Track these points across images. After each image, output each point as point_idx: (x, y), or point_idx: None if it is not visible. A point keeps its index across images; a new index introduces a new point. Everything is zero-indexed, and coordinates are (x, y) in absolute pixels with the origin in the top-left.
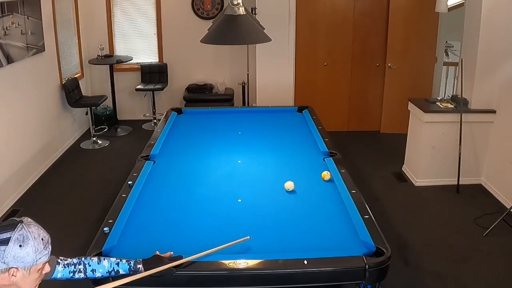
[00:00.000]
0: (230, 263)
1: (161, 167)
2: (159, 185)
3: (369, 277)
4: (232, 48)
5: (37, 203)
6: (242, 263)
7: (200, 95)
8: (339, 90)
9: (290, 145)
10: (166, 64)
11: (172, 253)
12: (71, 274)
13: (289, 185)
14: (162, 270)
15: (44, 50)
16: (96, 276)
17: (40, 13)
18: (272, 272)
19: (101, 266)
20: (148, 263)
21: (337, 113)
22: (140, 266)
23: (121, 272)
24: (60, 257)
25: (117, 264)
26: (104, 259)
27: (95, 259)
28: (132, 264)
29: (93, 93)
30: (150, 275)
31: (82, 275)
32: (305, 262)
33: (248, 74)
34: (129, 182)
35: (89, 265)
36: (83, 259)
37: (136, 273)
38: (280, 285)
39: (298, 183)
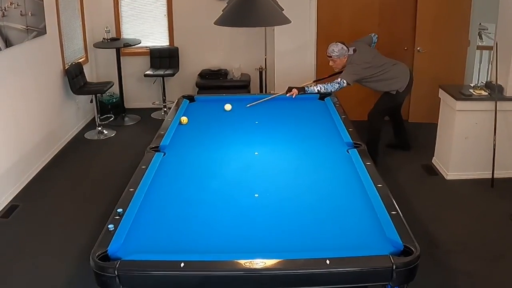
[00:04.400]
0: (246, 262)
1: (172, 159)
2: (169, 178)
3: (396, 278)
4: (249, 31)
5: (37, 198)
6: (259, 263)
7: (214, 81)
8: None
9: (311, 135)
10: (177, 48)
11: None
12: None
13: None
14: None
15: (46, 33)
16: None
17: None
18: (292, 272)
19: None
20: None
21: (362, 101)
22: None
23: None
24: None
25: None
26: None
27: None
28: None
29: (98, 79)
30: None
31: None
32: (327, 261)
33: (265, 58)
34: (119, 210)
35: None
36: None
37: None
38: (300, 286)
39: (320, 176)
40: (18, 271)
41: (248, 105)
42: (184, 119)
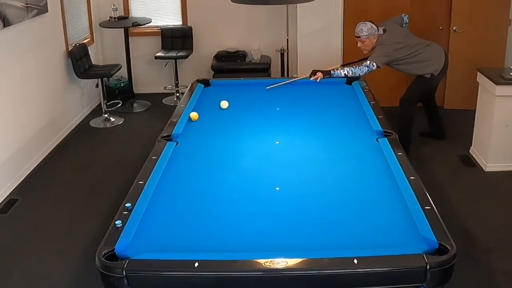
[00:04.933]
0: (266, 262)
1: (185, 149)
2: (182, 170)
3: (430, 279)
4: (269, 9)
5: (38, 191)
6: (281, 263)
7: (231, 64)
8: None
9: (337, 123)
10: (191, 28)
11: None
12: None
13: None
14: None
15: (47, 11)
16: None
17: None
18: (316, 273)
19: None
20: None
21: (393, 86)
22: None
23: None
24: None
25: None
26: None
27: None
28: None
29: (105, 61)
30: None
31: None
32: (355, 261)
33: (287, 39)
34: (127, 205)
35: None
36: None
37: None
38: None
39: (347, 168)
40: (17, 272)
41: (268, 88)
42: (194, 115)
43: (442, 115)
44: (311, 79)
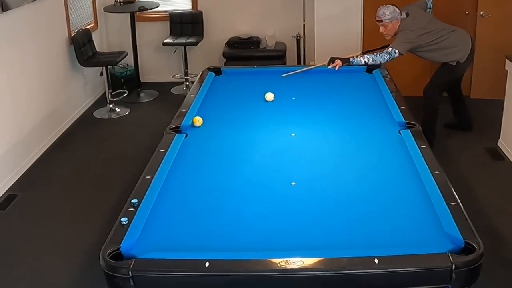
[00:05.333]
0: (281, 262)
1: (195, 141)
2: (192, 164)
3: (456, 280)
4: None
5: (38, 186)
6: (297, 262)
7: (243, 51)
8: None
9: (357, 114)
10: (201, 12)
11: None
12: None
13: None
14: None
15: None
16: None
17: None
18: (334, 273)
19: None
20: None
21: (417, 74)
22: None
23: None
24: None
25: None
26: None
27: None
28: None
29: (110, 48)
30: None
31: None
32: (376, 261)
33: (304, 24)
34: (133, 201)
35: None
36: None
37: None
38: None
39: (367, 161)
40: (16, 272)
41: (283, 75)
42: (198, 120)
43: (469, 105)
44: (329, 67)
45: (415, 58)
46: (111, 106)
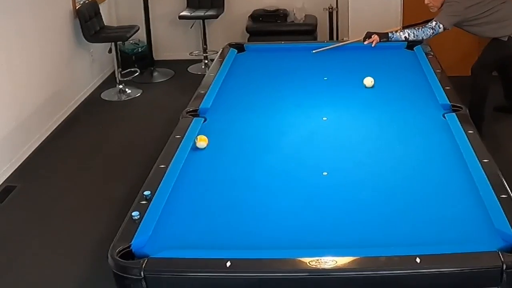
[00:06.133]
0: (312, 261)
1: (215, 126)
2: (211, 152)
3: (507, 281)
4: None
5: (39, 177)
6: (329, 262)
7: (269, 25)
8: None
9: (396, 96)
10: None
11: None
12: None
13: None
14: None
15: None
16: None
17: None
18: (371, 274)
19: None
20: None
21: (464, 51)
22: None
23: None
24: None
25: None
26: None
27: None
28: None
29: (119, 22)
30: None
31: None
32: (418, 260)
33: None
34: (146, 193)
35: None
36: None
37: None
38: None
39: (408, 149)
40: (14, 272)
41: (314, 52)
42: (202, 139)
43: None
44: (365, 43)
45: (461, 33)
46: (120, 87)
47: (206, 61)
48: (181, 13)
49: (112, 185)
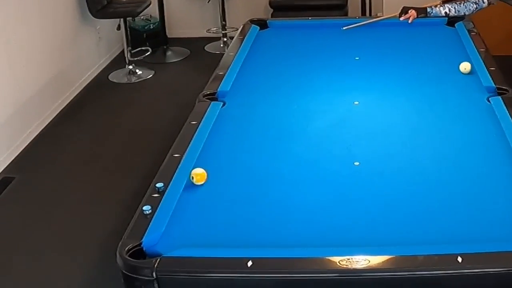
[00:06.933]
0: (342, 260)
1: (235, 111)
2: (230, 140)
3: None
4: None
5: (41, 167)
6: (361, 261)
7: (294, 0)
8: None
9: (435, 78)
10: None
11: None
12: None
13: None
14: None
15: None
16: None
17: None
18: (408, 274)
19: None
20: None
21: (510, 29)
22: None
23: None
24: None
25: None
26: None
27: None
28: None
29: None
30: None
31: None
32: (459, 259)
33: None
34: (158, 185)
35: None
36: None
37: None
38: None
39: (448, 136)
40: (13, 272)
41: (344, 28)
42: (198, 175)
43: None
44: (401, 19)
45: (508, 9)
46: (130, 67)
47: (225, 39)
48: None
49: (120, 177)
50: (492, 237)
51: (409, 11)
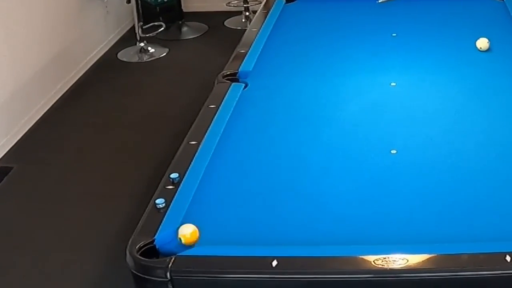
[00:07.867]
0: (377, 260)
1: (258, 93)
2: (253, 125)
3: None
4: None
5: (41, 156)
6: (399, 261)
7: None
8: None
9: (481, 57)
10: None
11: None
12: None
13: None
14: None
15: None
16: None
17: None
18: (450, 275)
19: None
20: None
21: None
22: None
23: None
24: None
25: None
26: None
27: None
28: None
29: None
30: None
31: None
32: (508, 258)
33: None
34: (173, 176)
35: None
36: None
37: None
38: None
39: (496, 123)
40: (12, 272)
41: (380, 1)
42: (187, 236)
43: None
44: None
45: None
46: (142, 45)
47: (247, 13)
48: None
49: (131, 167)
50: None
51: None
